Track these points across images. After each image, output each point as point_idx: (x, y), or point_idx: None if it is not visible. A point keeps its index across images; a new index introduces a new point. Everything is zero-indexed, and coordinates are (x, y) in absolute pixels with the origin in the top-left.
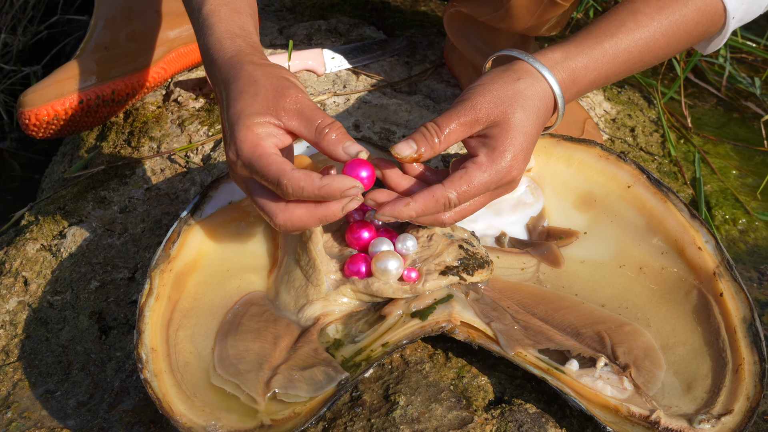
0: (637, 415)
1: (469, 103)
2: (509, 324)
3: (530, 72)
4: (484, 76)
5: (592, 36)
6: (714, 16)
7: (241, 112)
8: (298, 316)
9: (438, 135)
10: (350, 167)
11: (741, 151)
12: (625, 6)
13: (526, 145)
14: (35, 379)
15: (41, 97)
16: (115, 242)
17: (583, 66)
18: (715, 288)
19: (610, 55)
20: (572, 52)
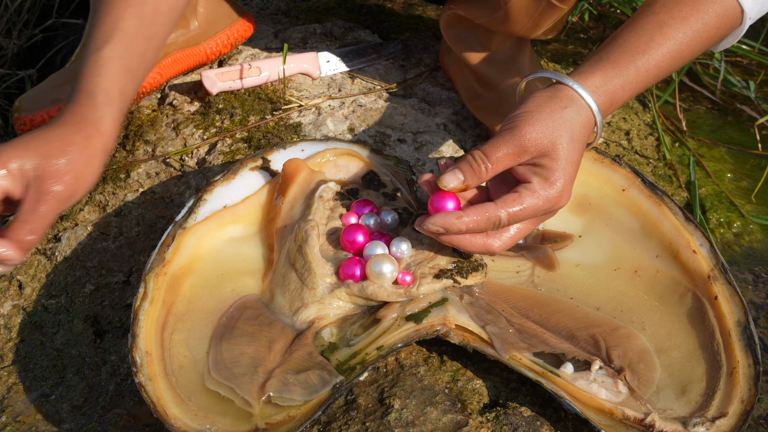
0: (632, 418)
1: (518, 132)
2: (504, 327)
3: (576, 100)
4: (529, 101)
5: (626, 54)
6: (732, 19)
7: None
8: (293, 320)
9: (485, 164)
10: (437, 199)
11: (736, 155)
12: (650, 18)
13: (573, 174)
14: (30, 382)
15: (37, 102)
16: (110, 246)
17: (620, 87)
18: (710, 291)
19: (643, 72)
20: (610, 74)
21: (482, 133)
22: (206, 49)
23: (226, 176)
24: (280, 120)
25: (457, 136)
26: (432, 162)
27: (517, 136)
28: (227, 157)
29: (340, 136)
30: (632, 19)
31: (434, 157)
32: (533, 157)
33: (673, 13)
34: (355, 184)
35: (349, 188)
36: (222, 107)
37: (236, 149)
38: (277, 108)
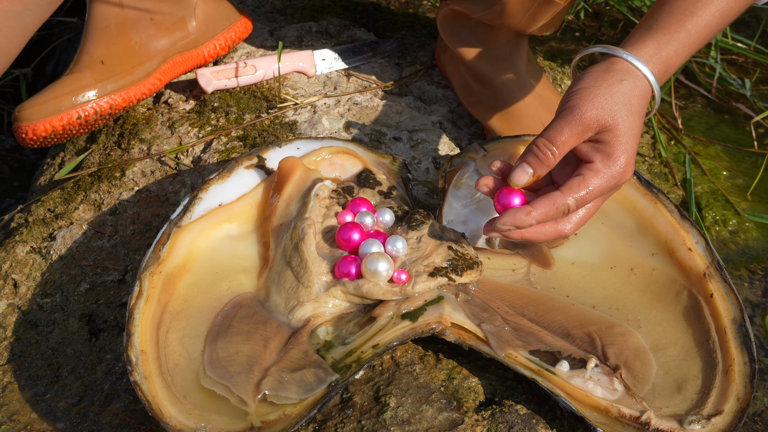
0: (628, 416)
1: (578, 110)
2: (500, 325)
3: (631, 71)
4: (585, 77)
5: (675, 19)
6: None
7: None
8: (288, 318)
9: (552, 150)
10: (502, 195)
11: (731, 153)
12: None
13: (635, 146)
14: (25, 381)
15: (39, 112)
16: (105, 244)
17: (674, 53)
18: (706, 289)
19: (694, 34)
20: (662, 40)
21: (478, 131)
22: (204, 52)
23: (221, 174)
24: (276, 118)
25: (452, 134)
26: (428, 160)
27: (578, 115)
28: (222, 155)
29: (335, 135)
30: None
31: (432, 156)
32: (595, 134)
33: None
34: (350, 183)
35: (345, 186)
36: (217, 105)
37: (231, 147)
38: (272, 106)
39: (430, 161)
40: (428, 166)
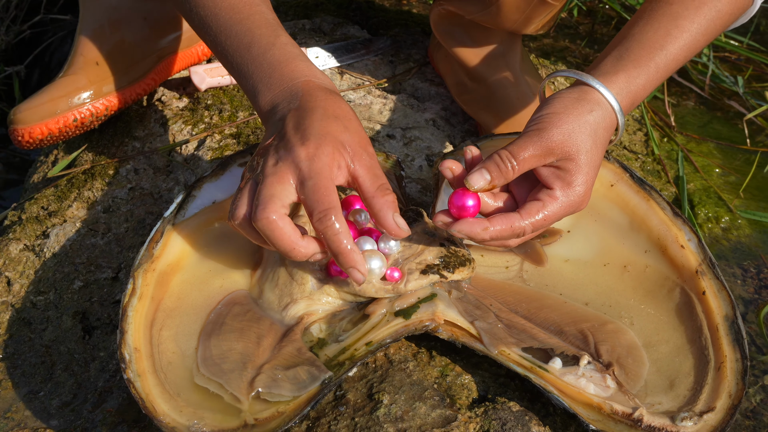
0: (620, 412)
1: (545, 134)
2: (493, 322)
3: (602, 104)
4: (555, 101)
5: (645, 51)
6: (744, 2)
7: (330, 132)
8: (281, 315)
9: (512, 164)
10: (457, 196)
11: (724, 150)
12: (664, 11)
13: (595, 177)
14: (18, 379)
15: (35, 115)
16: (99, 242)
17: (642, 87)
18: (698, 286)
19: (662, 67)
20: (633, 74)
21: (471, 129)
22: (198, 50)
23: (215, 172)
24: None
25: (446, 132)
26: (421, 158)
27: (544, 138)
28: (216, 152)
29: None
30: (646, 11)
31: (425, 154)
32: (557, 159)
33: (687, 4)
34: None
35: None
36: (211, 103)
37: (225, 145)
38: None
39: (424, 159)
40: (421, 164)
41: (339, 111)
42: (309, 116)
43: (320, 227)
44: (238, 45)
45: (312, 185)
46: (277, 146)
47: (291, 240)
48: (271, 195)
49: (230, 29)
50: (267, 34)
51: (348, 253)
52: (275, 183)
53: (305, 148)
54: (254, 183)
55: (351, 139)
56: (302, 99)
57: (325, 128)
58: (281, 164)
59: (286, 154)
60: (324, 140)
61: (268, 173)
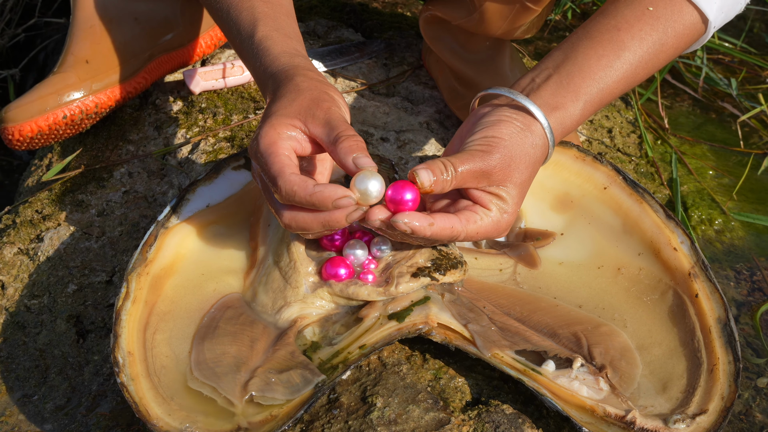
0: (613, 415)
1: (489, 157)
2: (486, 325)
3: (542, 137)
4: (502, 126)
5: (585, 81)
6: (693, 34)
7: (275, 112)
8: (275, 318)
9: (451, 173)
10: (396, 189)
11: (717, 152)
12: (611, 37)
13: (522, 200)
14: (12, 383)
15: (24, 112)
16: (93, 245)
17: (575, 120)
18: (691, 288)
19: (597, 102)
20: (570, 109)
21: None
22: (190, 51)
23: (209, 175)
24: None
25: (440, 135)
26: (415, 161)
27: (487, 161)
28: (210, 156)
29: None
30: (594, 30)
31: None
32: (491, 184)
33: (633, 33)
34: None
35: None
36: (205, 106)
37: (219, 148)
38: (260, 107)
39: (417, 162)
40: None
41: (289, 89)
42: (272, 103)
43: (283, 196)
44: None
45: (260, 164)
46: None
47: (317, 219)
48: (271, 200)
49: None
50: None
51: (318, 195)
52: (263, 189)
53: (256, 139)
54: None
55: (296, 108)
56: (277, 88)
57: (269, 113)
58: (254, 166)
59: (251, 152)
60: (267, 121)
61: (259, 182)
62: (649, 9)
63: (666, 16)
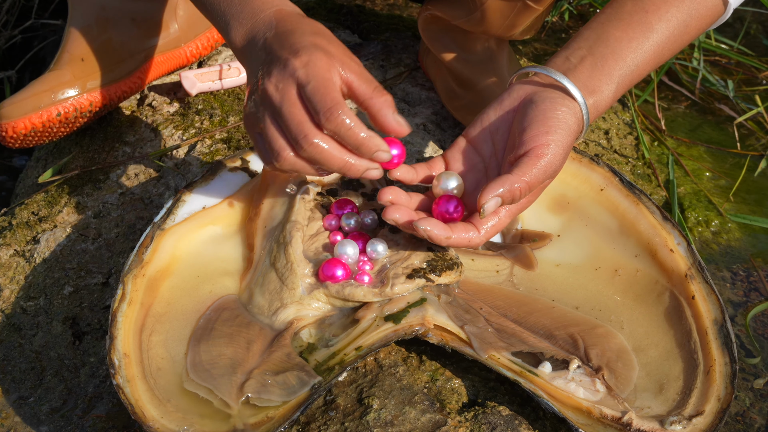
0: (609, 416)
1: (552, 162)
2: (482, 327)
3: (578, 115)
4: (559, 124)
5: (618, 65)
6: (716, 12)
7: (317, 44)
8: (271, 320)
9: (522, 194)
10: (443, 202)
11: (714, 153)
12: (639, 19)
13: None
14: (8, 385)
15: (18, 109)
16: (89, 247)
17: (609, 101)
18: (687, 290)
19: (627, 83)
20: (605, 91)
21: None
22: (186, 51)
23: (205, 177)
24: None
25: (436, 136)
26: (412, 162)
27: (551, 170)
28: (207, 157)
29: None
30: (622, 15)
31: (415, 158)
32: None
33: (660, 15)
34: (334, 185)
35: (329, 188)
36: (201, 108)
37: (216, 150)
38: None
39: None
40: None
41: (317, 28)
42: (291, 35)
43: (331, 126)
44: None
45: (311, 88)
46: (269, 69)
47: (339, 155)
48: (299, 121)
49: None
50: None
51: (366, 140)
52: (291, 107)
53: (298, 59)
54: (272, 119)
55: (337, 49)
56: (278, 25)
57: (310, 41)
58: (282, 84)
59: (281, 72)
60: (314, 49)
61: (277, 101)
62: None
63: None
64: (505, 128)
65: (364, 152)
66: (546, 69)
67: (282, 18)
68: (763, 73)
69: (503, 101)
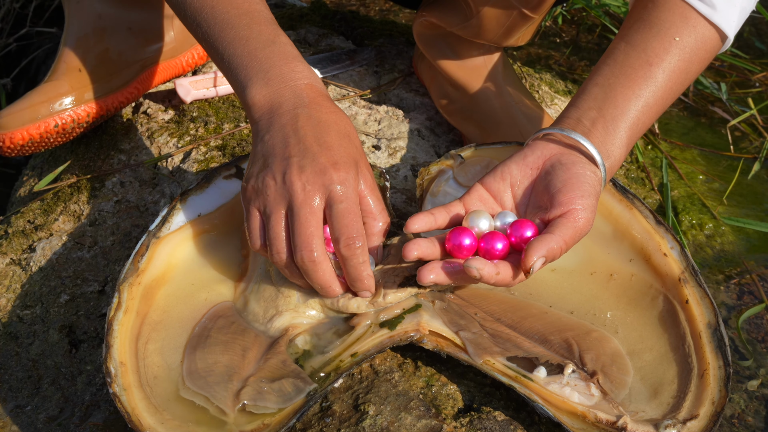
0: (604, 421)
1: (586, 225)
2: (477, 332)
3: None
4: (589, 188)
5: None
6: (715, 52)
7: (351, 156)
8: (266, 327)
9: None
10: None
11: (708, 156)
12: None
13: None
14: (5, 394)
15: (16, 120)
16: (85, 255)
17: (619, 161)
18: (681, 294)
19: (635, 139)
20: (617, 155)
21: (456, 139)
22: (182, 61)
23: (200, 185)
24: None
25: (431, 142)
26: (406, 168)
27: (586, 231)
28: (202, 165)
29: None
30: (627, 71)
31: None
32: None
33: (663, 66)
34: None
35: None
36: (196, 115)
37: (211, 157)
38: None
39: (409, 169)
40: (406, 174)
41: (349, 129)
42: (329, 132)
43: (347, 253)
44: (234, 37)
45: (342, 210)
46: (301, 163)
47: (329, 279)
48: (311, 234)
49: (227, 21)
50: (267, 31)
51: (365, 279)
52: (310, 216)
53: (338, 172)
54: (283, 213)
55: (361, 161)
56: (311, 107)
57: (347, 151)
58: (311, 186)
59: (315, 175)
60: (351, 165)
61: (299, 200)
62: (675, 39)
63: (691, 45)
64: (528, 183)
65: (356, 287)
66: (568, 131)
67: (314, 99)
68: (756, 75)
69: (527, 157)
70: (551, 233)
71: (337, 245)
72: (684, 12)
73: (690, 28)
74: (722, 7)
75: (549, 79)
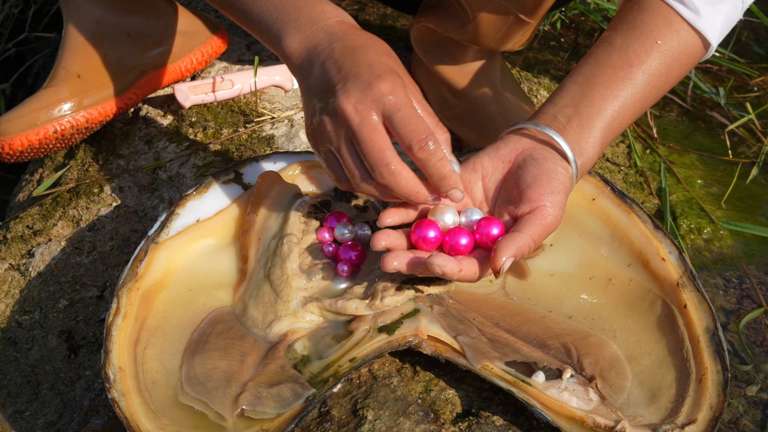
0: (603, 425)
1: (556, 221)
2: (476, 337)
3: (572, 179)
4: (558, 180)
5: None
6: (697, 58)
7: (393, 68)
8: (265, 332)
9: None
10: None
11: (706, 161)
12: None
13: None
14: (4, 399)
15: (15, 126)
16: (84, 260)
17: (592, 160)
18: (679, 299)
19: (610, 138)
20: (591, 154)
21: (454, 143)
22: (181, 66)
23: (198, 190)
24: (253, 132)
25: None
26: None
27: (553, 228)
28: (200, 170)
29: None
30: (607, 70)
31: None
32: None
33: (644, 69)
34: (327, 197)
35: (322, 200)
36: (195, 120)
37: (209, 162)
38: (249, 120)
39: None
40: None
41: (387, 48)
42: (364, 53)
43: (423, 155)
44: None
45: (402, 117)
46: (346, 87)
47: (414, 185)
48: (379, 149)
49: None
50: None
51: (451, 175)
52: (372, 133)
53: (384, 82)
54: (348, 141)
55: (405, 76)
56: (346, 38)
57: (388, 64)
58: (362, 106)
59: (363, 93)
60: (396, 75)
61: (356, 123)
62: (657, 42)
63: (673, 49)
64: (499, 176)
65: (443, 186)
66: (542, 126)
67: (347, 31)
68: (754, 80)
69: (500, 150)
70: (519, 231)
71: (411, 152)
72: (668, 16)
73: (673, 32)
74: (707, 14)
75: (548, 83)
